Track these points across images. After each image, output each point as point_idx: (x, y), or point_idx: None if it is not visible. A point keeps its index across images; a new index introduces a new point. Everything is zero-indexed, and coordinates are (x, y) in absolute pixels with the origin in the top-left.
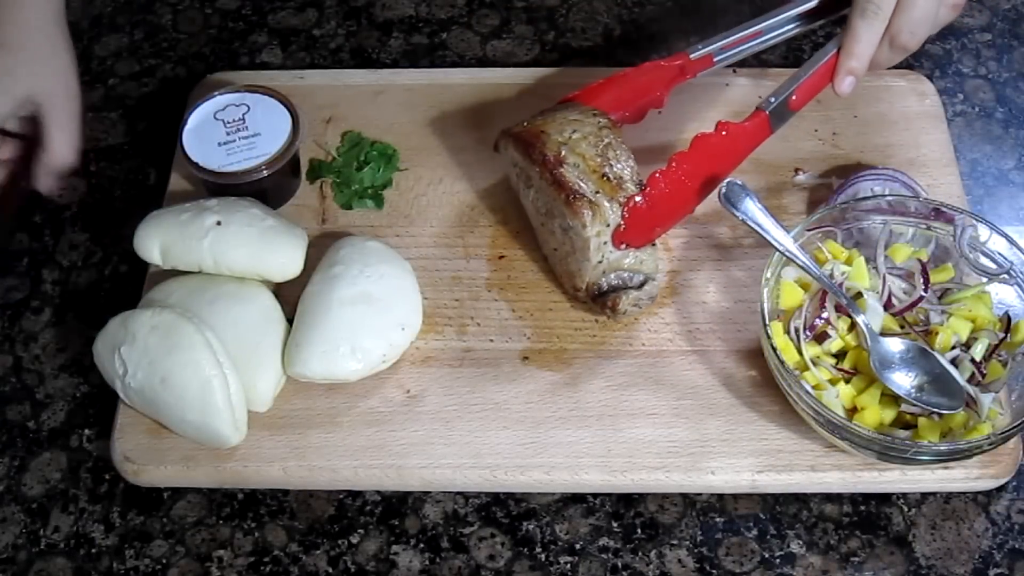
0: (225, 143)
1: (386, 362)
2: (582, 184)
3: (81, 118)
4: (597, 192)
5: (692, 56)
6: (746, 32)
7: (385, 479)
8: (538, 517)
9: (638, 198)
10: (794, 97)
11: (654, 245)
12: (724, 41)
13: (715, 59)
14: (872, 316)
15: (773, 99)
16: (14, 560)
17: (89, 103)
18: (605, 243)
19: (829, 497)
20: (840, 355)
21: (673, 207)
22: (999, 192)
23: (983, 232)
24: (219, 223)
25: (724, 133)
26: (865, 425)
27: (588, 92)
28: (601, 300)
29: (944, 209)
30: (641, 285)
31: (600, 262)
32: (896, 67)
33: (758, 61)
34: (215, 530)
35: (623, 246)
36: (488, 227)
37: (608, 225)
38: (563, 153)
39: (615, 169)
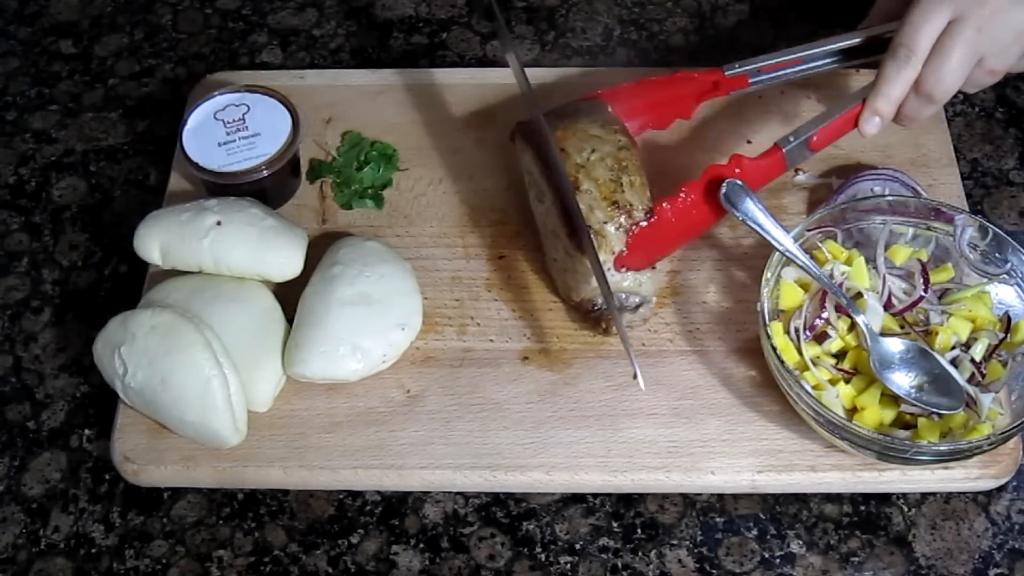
0: (225, 143)
1: (386, 362)
2: (591, 214)
3: None
4: (605, 222)
5: (727, 73)
6: (785, 59)
7: (385, 479)
8: (538, 517)
9: (644, 223)
10: (815, 138)
11: (654, 268)
12: (761, 64)
13: (750, 80)
14: (872, 316)
15: (793, 138)
16: (14, 560)
17: (89, 103)
18: (608, 269)
19: (829, 497)
20: (840, 355)
21: (677, 235)
22: (999, 192)
23: (983, 232)
24: (219, 223)
25: (738, 170)
26: (865, 425)
27: (619, 92)
28: (594, 317)
29: (944, 209)
30: (636, 307)
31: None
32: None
33: None
34: (215, 530)
35: (623, 269)
36: (488, 227)
37: (612, 252)
38: (578, 178)
39: (626, 196)
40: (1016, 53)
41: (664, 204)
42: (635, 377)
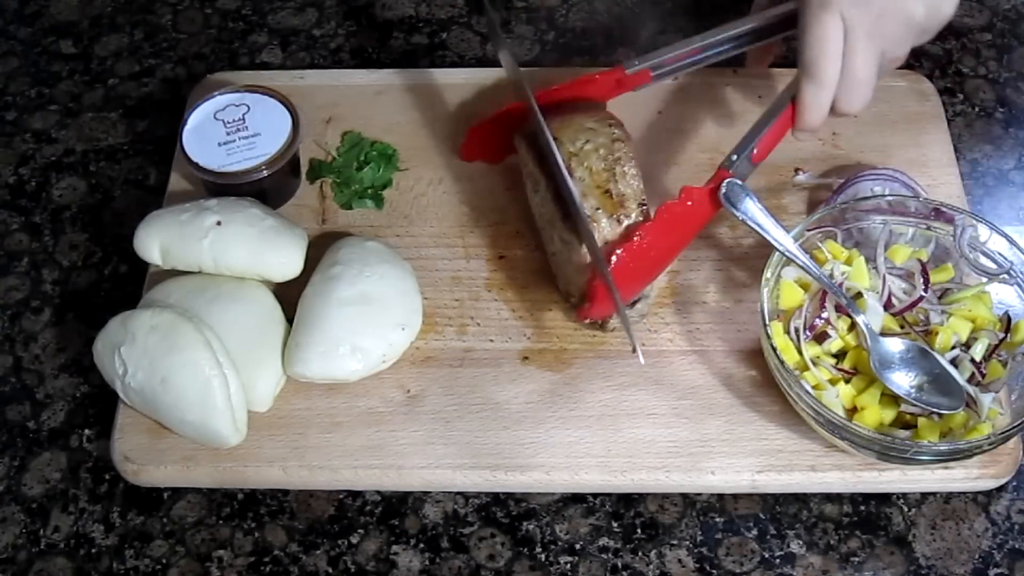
0: (225, 143)
1: (386, 362)
2: (583, 201)
3: None
4: (597, 209)
5: (628, 71)
6: (684, 50)
7: (385, 479)
8: (538, 517)
9: (603, 271)
10: (755, 151)
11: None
12: (662, 58)
13: (652, 75)
14: (872, 316)
15: (735, 157)
16: (14, 560)
17: (89, 103)
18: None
19: (829, 497)
20: (840, 355)
21: (638, 275)
22: (999, 192)
23: (983, 232)
24: (219, 223)
25: (690, 203)
26: (865, 425)
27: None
28: None
29: (944, 209)
30: (633, 303)
31: None
32: (897, 67)
33: None
34: (215, 530)
35: (586, 321)
36: (488, 227)
37: (607, 242)
38: (571, 165)
39: (619, 187)
40: (910, 39)
41: (619, 251)
42: (633, 351)
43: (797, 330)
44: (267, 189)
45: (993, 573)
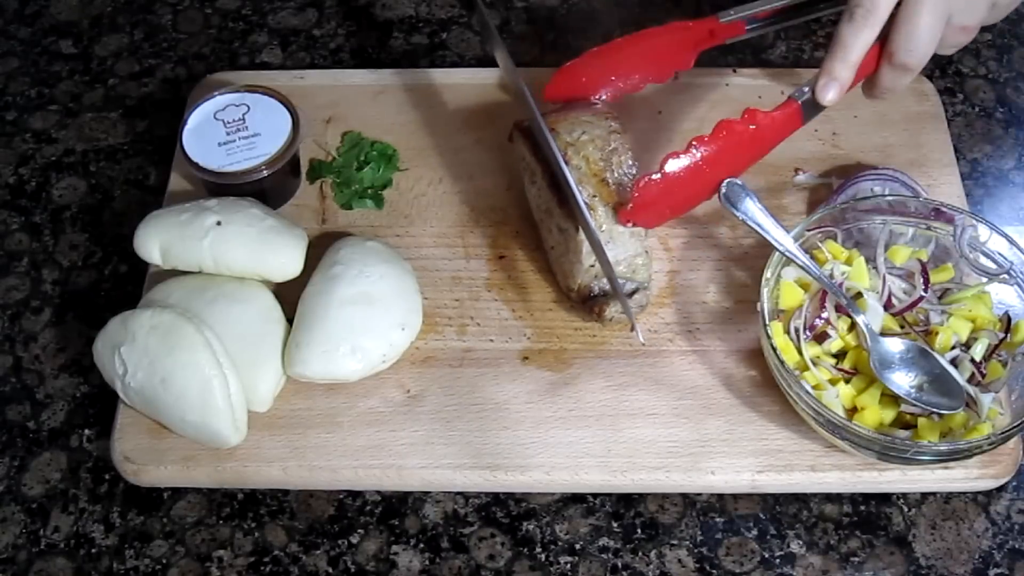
0: (225, 143)
1: (386, 362)
2: (580, 187)
3: None
4: (594, 196)
5: (722, 20)
6: (778, 5)
7: (385, 479)
8: (538, 517)
9: (654, 175)
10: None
11: (648, 255)
12: (757, 10)
13: (746, 27)
14: (872, 316)
15: (807, 89)
16: (14, 560)
17: (89, 103)
18: (604, 233)
19: (829, 497)
20: (840, 355)
21: (687, 193)
22: (999, 192)
23: (983, 232)
24: (219, 223)
25: (752, 126)
26: (865, 425)
27: (615, 46)
28: (590, 304)
29: (944, 209)
30: (631, 294)
31: (592, 266)
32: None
33: (757, 61)
34: (215, 530)
35: (629, 223)
36: (488, 227)
37: (601, 228)
38: (568, 154)
39: (616, 175)
40: (985, 5)
41: (673, 155)
42: (632, 329)
43: (797, 330)
44: (267, 189)
45: (993, 573)
